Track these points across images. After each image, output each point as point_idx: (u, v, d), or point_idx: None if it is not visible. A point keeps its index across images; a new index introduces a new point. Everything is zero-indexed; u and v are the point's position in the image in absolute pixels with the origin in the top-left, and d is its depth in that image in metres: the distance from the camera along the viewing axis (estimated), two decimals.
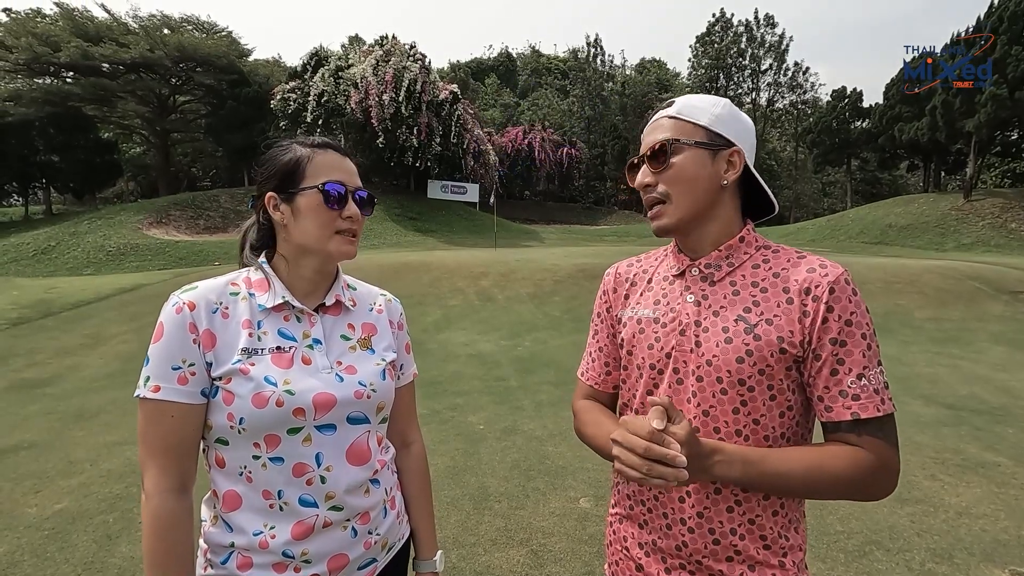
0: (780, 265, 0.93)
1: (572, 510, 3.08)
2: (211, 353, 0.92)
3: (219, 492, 0.96)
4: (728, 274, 0.95)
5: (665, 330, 0.97)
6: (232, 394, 0.90)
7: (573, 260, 12.48)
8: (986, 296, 9.46)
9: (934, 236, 22.24)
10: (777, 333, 0.87)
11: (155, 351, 0.91)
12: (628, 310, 1.06)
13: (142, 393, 0.89)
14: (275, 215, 0.99)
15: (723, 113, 0.95)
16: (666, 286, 1.02)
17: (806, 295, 0.88)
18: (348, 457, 0.98)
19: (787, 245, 1.00)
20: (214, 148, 32.61)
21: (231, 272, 1.03)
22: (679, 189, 0.93)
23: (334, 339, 1.03)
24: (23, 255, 18.33)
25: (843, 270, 0.89)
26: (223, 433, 0.93)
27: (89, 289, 11.62)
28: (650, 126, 0.99)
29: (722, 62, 39.87)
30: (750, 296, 0.92)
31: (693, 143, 0.92)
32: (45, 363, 6.93)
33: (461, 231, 25.33)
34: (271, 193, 0.99)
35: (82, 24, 26.26)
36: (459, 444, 4.08)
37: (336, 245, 0.99)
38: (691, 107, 0.95)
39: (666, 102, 0.99)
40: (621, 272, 1.13)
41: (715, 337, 0.91)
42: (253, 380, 0.91)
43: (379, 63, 25.46)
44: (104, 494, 3.35)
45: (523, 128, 37.65)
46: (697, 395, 0.92)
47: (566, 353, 6.87)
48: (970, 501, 3.18)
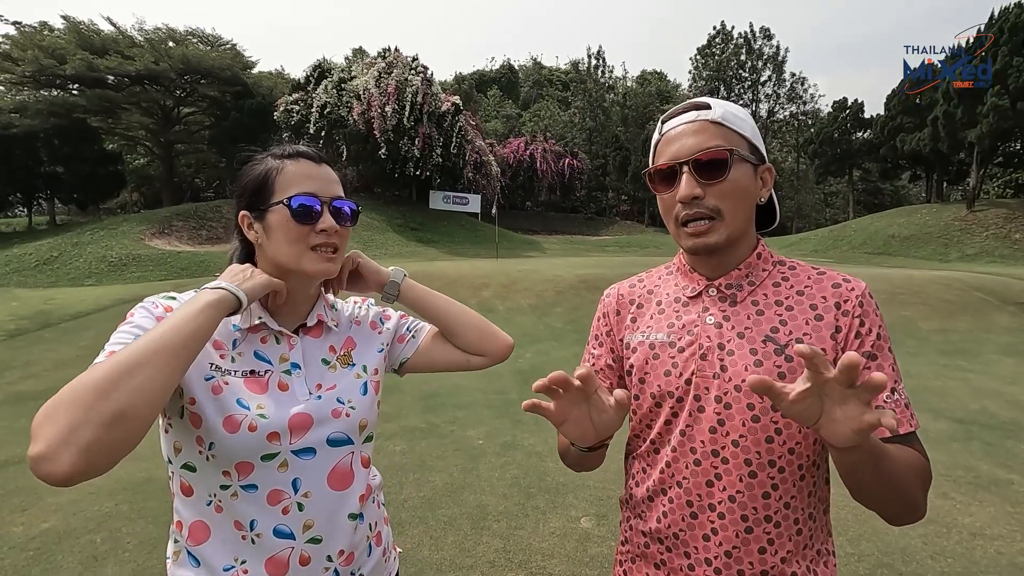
0: (802, 282, 0.89)
1: (573, 530, 2.98)
2: None
3: (184, 523, 0.88)
4: (750, 293, 0.90)
5: (683, 355, 0.90)
6: (200, 416, 0.82)
7: (575, 271, 12.42)
8: (992, 307, 9.36)
9: (938, 247, 22.15)
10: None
11: (121, 328, 0.81)
12: (638, 334, 0.98)
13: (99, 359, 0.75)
14: (249, 235, 0.92)
15: (755, 127, 0.91)
16: (680, 308, 0.95)
17: (836, 310, 0.85)
18: (329, 481, 0.90)
19: (790, 257, 0.95)
20: (217, 159, 32.79)
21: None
22: (732, 205, 0.85)
23: (314, 363, 0.95)
24: (25, 265, 18.35)
25: (865, 284, 0.87)
26: (191, 458, 0.85)
27: (88, 300, 11.59)
28: (685, 129, 0.87)
29: (723, 74, 40.07)
30: (776, 315, 0.87)
31: (747, 156, 0.87)
32: (41, 375, 6.87)
33: (463, 241, 25.34)
34: (243, 211, 0.92)
35: (88, 37, 26.52)
36: (458, 460, 3.99)
37: (312, 263, 0.91)
38: (734, 115, 0.88)
39: (692, 102, 0.90)
40: (624, 294, 1.05)
41: (743, 360, 0.85)
42: (223, 402, 0.83)
43: (382, 75, 25.66)
44: (92, 512, 3.27)
45: (525, 139, 37.80)
46: (725, 423, 0.85)
47: (568, 365, 6.72)
48: (984, 521, 3.08)
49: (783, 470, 0.84)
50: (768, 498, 0.84)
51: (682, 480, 0.90)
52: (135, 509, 3.30)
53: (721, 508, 0.86)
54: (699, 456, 0.88)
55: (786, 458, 0.84)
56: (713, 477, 0.86)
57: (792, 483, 0.85)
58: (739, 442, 0.84)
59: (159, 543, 2.89)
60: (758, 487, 0.84)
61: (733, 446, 0.85)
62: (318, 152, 0.96)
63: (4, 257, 18.86)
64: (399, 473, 3.73)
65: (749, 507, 0.85)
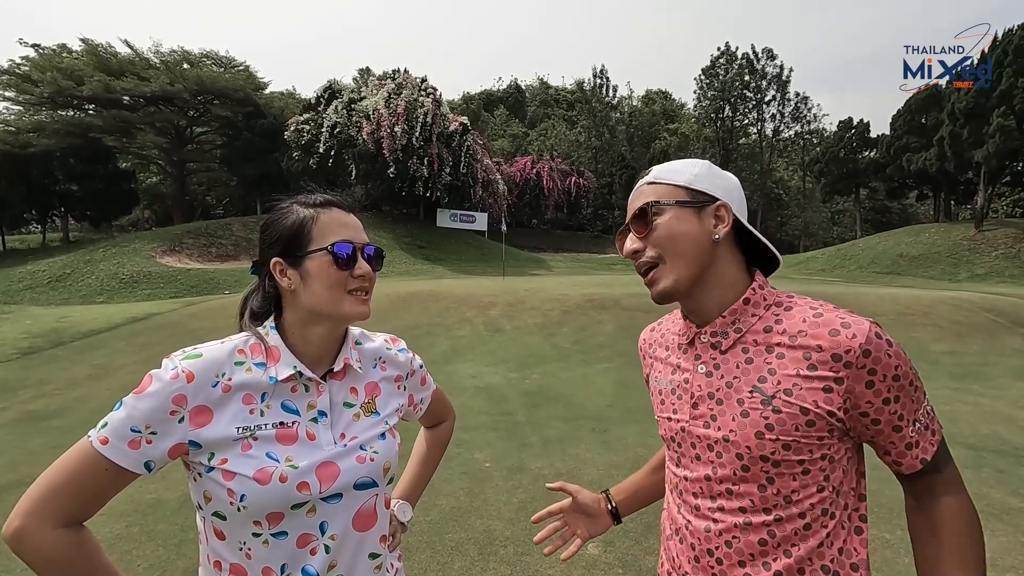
0: (796, 326, 0.85)
1: (579, 557, 2.97)
2: (203, 430, 0.86)
3: (223, 564, 0.90)
4: (737, 340, 0.89)
5: (680, 403, 0.94)
6: (232, 472, 0.85)
7: (582, 290, 12.44)
8: (1003, 329, 9.28)
9: (947, 266, 22.04)
10: (800, 404, 0.81)
11: (127, 403, 0.85)
12: (653, 378, 1.05)
13: (92, 437, 0.84)
14: (282, 281, 0.95)
15: (701, 172, 0.93)
16: (680, 355, 0.98)
17: (835, 362, 0.80)
18: (354, 523, 0.94)
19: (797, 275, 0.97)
20: (229, 178, 33.32)
21: (235, 336, 0.97)
22: (668, 249, 0.90)
23: (338, 408, 0.98)
24: (38, 282, 18.63)
25: (869, 325, 0.82)
26: (221, 508, 0.88)
27: (101, 318, 11.72)
28: (632, 195, 0.98)
29: (727, 94, 40.43)
30: (764, 364, 0.85)
31: (674, 202, 0.90)
32: (53, 394, 6.94)
33: (470, 259, 25.46)
34: (277, 258, 0.95)
35: (106, 59, 27.23)
36: (464, 484, 3.99)
37: (350, 306, 0.95)
38: (668, 171, 0.95)
39: (644, 171, 0.99)
40: (646, 339, 1.13)
41: (731, 411, 0.86)
42: (255, 457, 0.86)
43: (391, 96, 26.11)
44: (103, 534, 3.29)
45: (531, 157, 38.20)
46: (718, 471, 0.88)
47: (575, 387, 6.78)
48: (996, 552, 3.04)
49: (780, 519, 0.84)
50: (764, 545, 0.85)
51: (686, 524, 0.94)
52: (145, 532, 3.32)
53: (719, 554, 0.89)
54: (698, 502, 0.92)
55: (782, 507, 0.84)
56: (711, 522, 0.89)
57: (793, 531, 0.84)
58: (732, 490, 0.87)
59: (168, 565, 2.91)
60: (753, 534, 0.86)
61: (727, 494, 0.88)
62: (345, 200, 1.01)
63: (18, 274, 19.15)
64: None
65: (746, 553, 0.87)
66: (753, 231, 0.93)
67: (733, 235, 0.93)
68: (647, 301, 1.08)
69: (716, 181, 0.93)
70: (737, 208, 0.93)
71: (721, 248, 0.91)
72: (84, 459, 0.84)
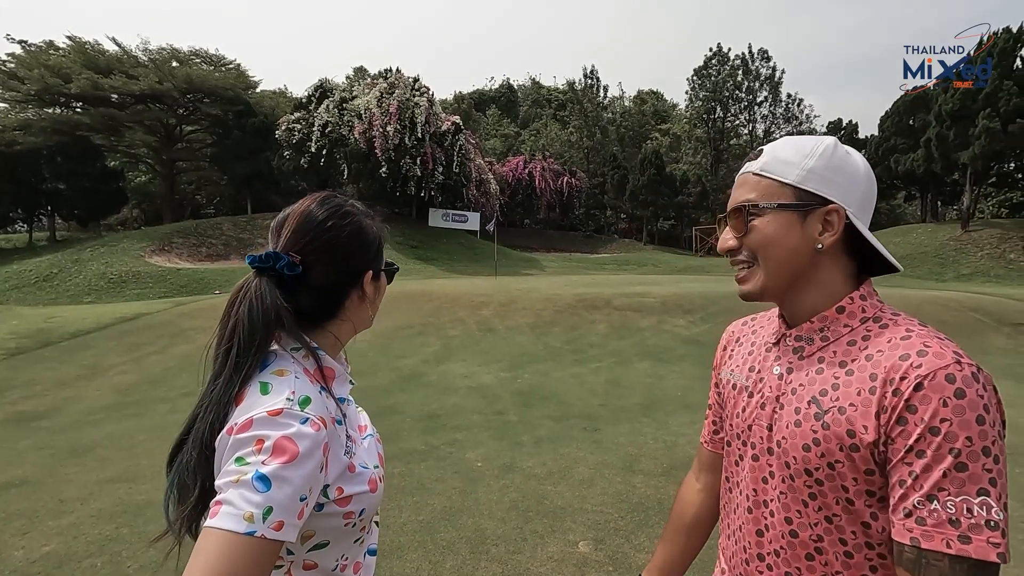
0: (879, 345, 0.77)
1: (571, 555, 3.00)
2: (330, 471, 0.81)
3: None
4: (820, 349, 0.83)
5: (751, 400, 0.91)
6: (348, 497, 0.83)
7: (574, 290, 12.49)
8: (988, 328, 9.42)
9: (933, 266, 22.30)
10: (848, 426, 0.74)
11: (283, 476, 0.69)
12: (725, 371, 1.01)
13: (259, 531, 0.66)
14: (368, 289, 0.93)
15: (817, 166, 0.81)
16: (763, 352, 0.94)
17: (888, 386, 0.72)
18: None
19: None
20: (219, 176, 33.04)
21: (283, 363, 0.84)
22: (765, 254, 0.83)
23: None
24: (25, 282, 18.40)
25: (950, 361, 0.70)
26: (326, 536, 0.83)
27: (89, 318, 11.61)
28: (736, 180, 0.89)
29: (719, 94, 40.63)
30: (832, 377, 0.79)
31: (775, 205, 0.81)
32: (42, 395, 6.88)
33: (462, 259, 25.45)
34: (370, 269, 0.94)
35: (93, 57, 26.91)
36: (456, 483, 4.01)
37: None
38: (779, 161, 0.83)
39: (756, 150, 0.88)
40: (734, 331, 1.07)
41: (787, 418, 0.83)
42: (360, 473, 0.86)
43: (383, 95, 26.04)
44: (94, 536, 3.28)
45: (524, 157, 38.22)
46: (774, 476, 0.85)
47: (566, 386, 6.82)
48: None
49: (821, 539, 0.79)
50: (812, 560, 0.81)
51: (741, 525, 0.92)
52: (135, 533, 3.31)
53: (769, 560, 0.86)
54: (751, 504, 0.89)
55: (823, 526, 0.79)
56: (763, 527, 0.87)
57: (835, 555, 0.79)
58: (780, 498, 0.84)
59: (160, 567, 2.91)
60: (800, 548, 0.82)
61: (778, 500, 0.84)
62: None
63: (4, 273, 18.90)
64: (397, 496, 3.75)
65: (792, 566, 0.83)
66: (870, 237, 0.82)
67: (844, 238, 0.82)
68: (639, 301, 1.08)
69: (834, 177, 0.81)
70: (857, 209, 0.82)
71: (825, 255, 0.82)
72: (254, 556, 0.67)
